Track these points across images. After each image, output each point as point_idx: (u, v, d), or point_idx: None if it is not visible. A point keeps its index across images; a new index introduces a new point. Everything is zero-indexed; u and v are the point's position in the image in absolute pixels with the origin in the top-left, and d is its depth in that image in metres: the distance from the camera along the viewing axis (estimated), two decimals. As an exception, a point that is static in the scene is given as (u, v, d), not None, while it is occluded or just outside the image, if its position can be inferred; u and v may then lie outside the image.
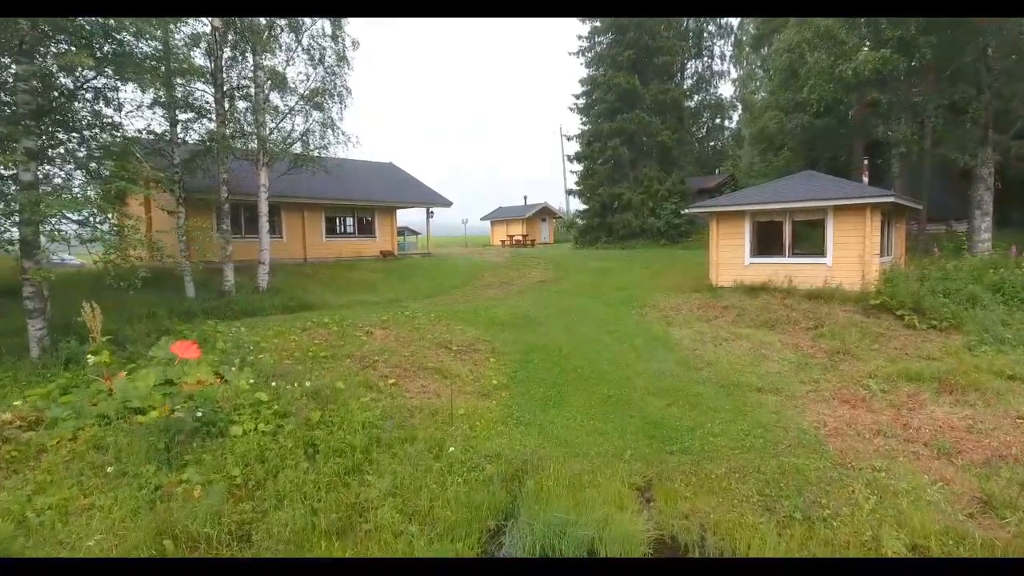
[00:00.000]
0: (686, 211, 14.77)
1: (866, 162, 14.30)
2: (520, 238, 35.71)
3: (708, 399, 8.08)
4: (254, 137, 15.62)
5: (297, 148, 16.92)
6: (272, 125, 16.37)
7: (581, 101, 30.61)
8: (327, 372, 8.41)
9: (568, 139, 31.54)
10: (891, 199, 12.00)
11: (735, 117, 44.37)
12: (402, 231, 41.19)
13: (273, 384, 7.20)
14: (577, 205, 35.87)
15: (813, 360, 9.76)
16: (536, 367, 9.47)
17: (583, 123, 30.62)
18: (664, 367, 9.56)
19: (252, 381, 7.30)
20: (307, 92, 16.69)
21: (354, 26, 30.62)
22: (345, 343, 10.04)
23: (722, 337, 11.19)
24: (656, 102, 28.06)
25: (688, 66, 39.65)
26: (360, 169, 25.43)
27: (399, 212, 26.82)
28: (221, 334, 10.05)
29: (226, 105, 14.99)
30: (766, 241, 14.18)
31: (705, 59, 41.30)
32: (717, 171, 38.58)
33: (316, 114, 17.00)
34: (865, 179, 14.09)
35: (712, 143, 44.21)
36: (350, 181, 23.50)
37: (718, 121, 43.93)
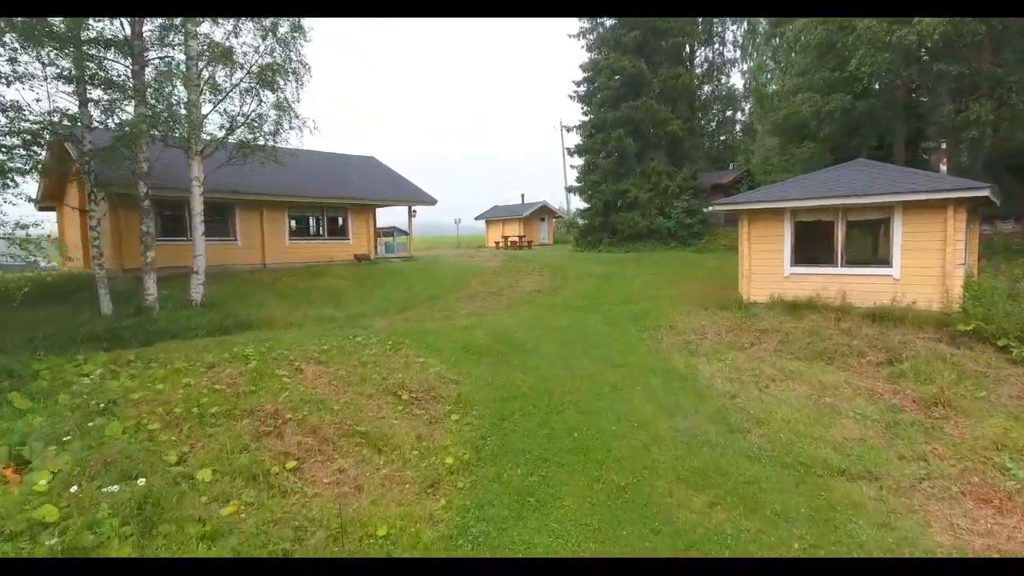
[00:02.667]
0: (710, 208, 12.04)
1: (943, 146, 11.50)
2: (516, 239, 32.92)
3: (770, 492, 5.33)
4: (184, 120, 12.87)
5: (244, 134, 14.21)
6: (209, 106, 13.68)
7: (582, 88, 27.79)
8: (204, 445, 5.69)
9: (568, 130, 28.75)
10: (985, 193, 9.23)
11: (746, 109, 41.55)
12: (391, 231, 38.45)
13: (75, 489, 4.46)
14: (578, 203, 33.15)
15: (903, 416, 6.99)
16: (515, 428, 6.73)
17: (584, 112, 27.81)
18: (695, 426, 6.82)
19: (50, 480, 4.57)
20: (255, 68, 13.96)
21: (355, 27, 27.89)
22: (257, 388, 7.32)
23: (767, 375, 8.43)
24: (665, 88, 25.26)
25: (698, 53, 36.83)
26: (333, 162, 22.73)
27: (383, 211, 24.16)
28: (84, 377, 7.33)
29: (146, 80, 12.26)
30: (809, 246, 11.44)
31: (716, 46, 38.45)
32: (731, 165, 35.80)
33: (267, 94, 14.26)
34: (943, 168, 11.31)
35: (723, 137, 41.40)
36: (320, 175, 20.80)
37: (729, 113, 41.11)
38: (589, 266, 20.18)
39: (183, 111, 12.66)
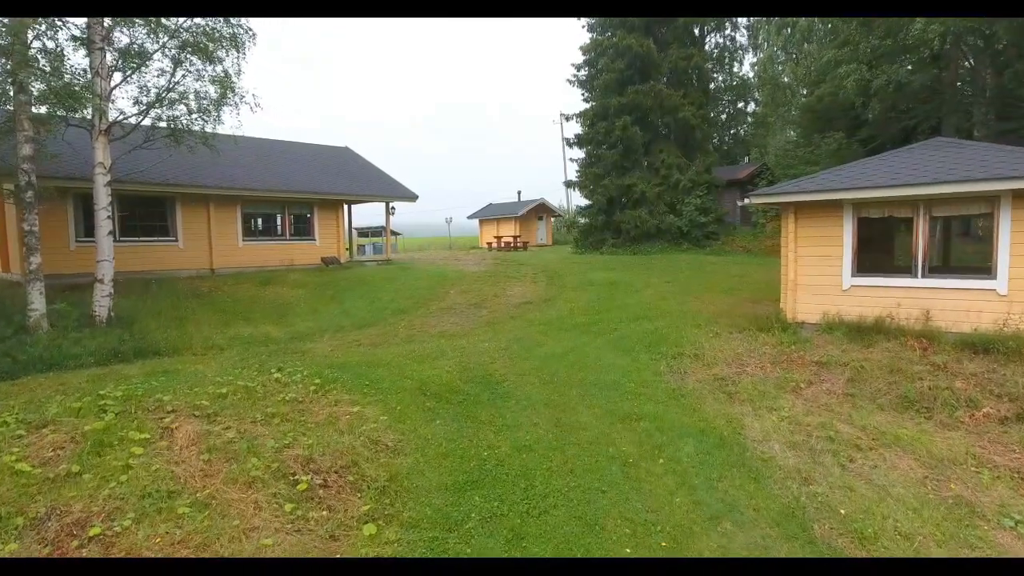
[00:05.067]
0: (748, 201, 9.43)
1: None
2: (510, 240, 30.21)
3: None
4: (88, 93, 10.29)
5: (166, 112, 11.65)
6: (118, 77, 11.10)
7: (583, 72, 25.14)
8: None
9: (567, 119, 26.13)
10: None
11: (759, 99, 38.87)
12: (379, 231, 35.90)
13: None
14: (579, 200, 30.53)
15: (1091, 525, 4.38)
16: (468, 552, 4.14)
17: (585, 99, 25.18)
18: (758, 543, 4.22)
19: None
20: (182, 32, 11.39)
21: (356, 27, 25.38)
22: (84, 468, 4.78)
23: (847, 439, 5.82)
24: (676, 71, 22.67)
25: (708, 39, 34.19)
26: (298, 153, 20.16)
27: (368, 208, 21.59)
28: None
29: (31, 41, 9.69)
30: (877, 250, 8.86)
31: (727, 31, 35.80)
32: (745, 159, 33.16)
33: (197, 64, 11.67)
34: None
35: (732, 131, 38.75)
36: (280, 166, 18.24)
37: (740, 105, 38.46)
38: (590, 271, 17.57)
39: (86, 80, 10.08)
